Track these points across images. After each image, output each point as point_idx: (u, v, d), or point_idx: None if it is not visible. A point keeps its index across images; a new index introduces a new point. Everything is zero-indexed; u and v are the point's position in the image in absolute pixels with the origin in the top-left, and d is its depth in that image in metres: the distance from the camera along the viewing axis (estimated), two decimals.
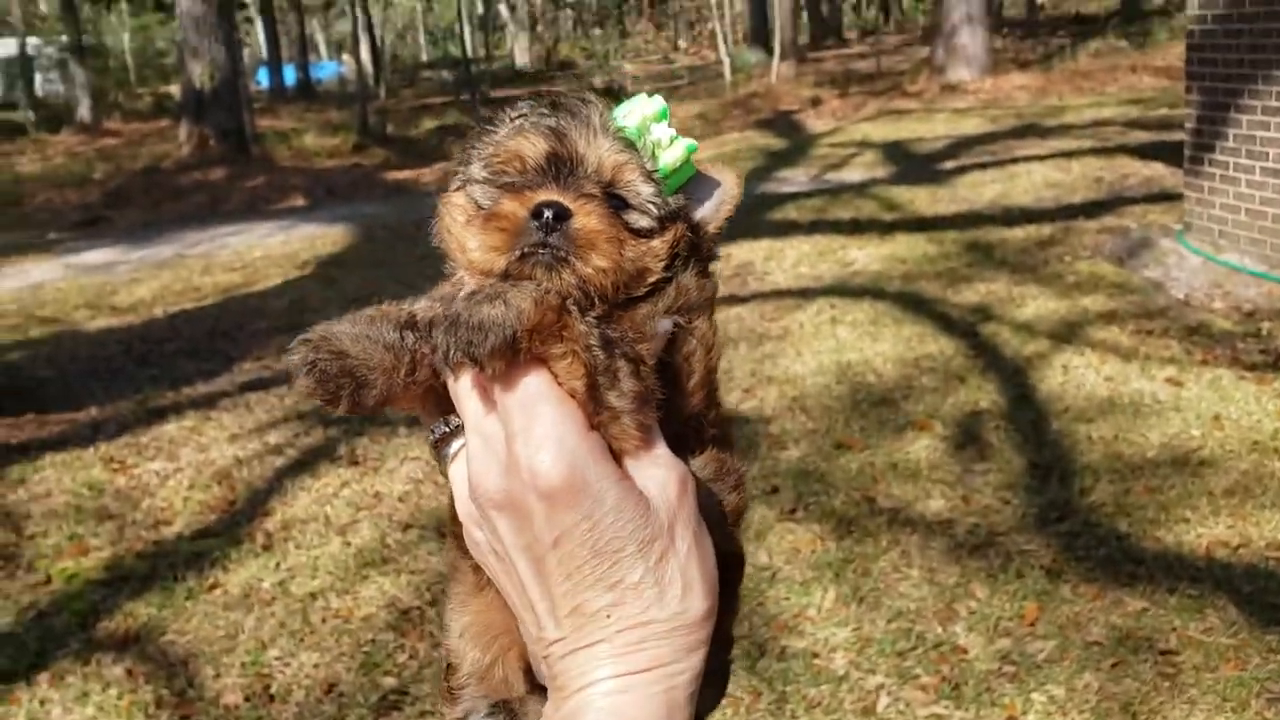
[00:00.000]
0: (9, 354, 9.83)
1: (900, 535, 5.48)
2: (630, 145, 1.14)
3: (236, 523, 6.25)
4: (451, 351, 1.01)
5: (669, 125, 1.17)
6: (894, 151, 16.73)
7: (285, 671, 4.80)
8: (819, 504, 5.85)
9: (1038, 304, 8.63)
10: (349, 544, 5.81)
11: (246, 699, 4.64)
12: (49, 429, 7.79)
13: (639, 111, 1.16)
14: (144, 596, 5.49)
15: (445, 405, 1.15)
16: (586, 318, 1.04)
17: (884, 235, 11.19)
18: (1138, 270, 9.35)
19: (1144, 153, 13.58)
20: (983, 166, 14.20)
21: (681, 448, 1.11)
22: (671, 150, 1.16)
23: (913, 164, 15.45)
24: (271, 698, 4.64)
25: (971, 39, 23.62)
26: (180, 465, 7.03)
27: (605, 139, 1.14)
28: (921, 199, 12.72)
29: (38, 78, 43.24)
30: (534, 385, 1.03)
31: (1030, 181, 12.95)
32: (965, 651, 4.55)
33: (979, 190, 12.83)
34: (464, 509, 1.13)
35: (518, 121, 1.18)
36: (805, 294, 9.50)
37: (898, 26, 48.60)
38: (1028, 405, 6.90)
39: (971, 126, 18.17)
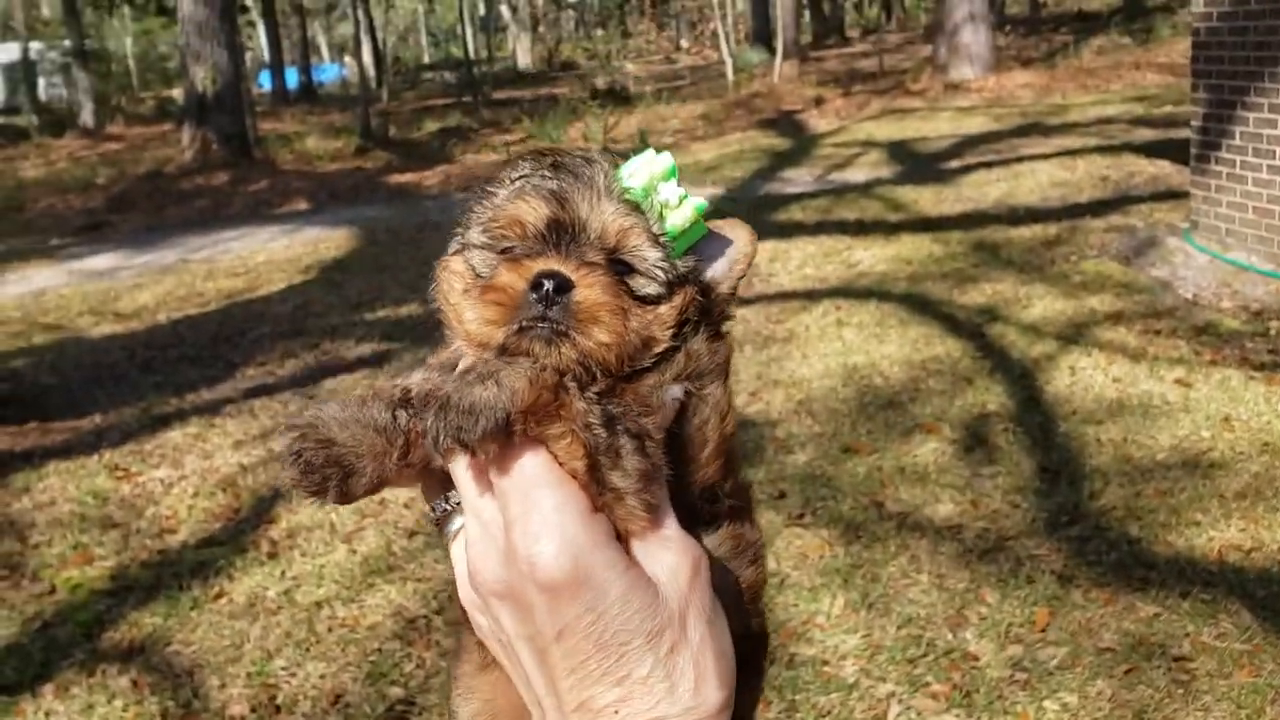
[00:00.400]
0: (13, 361, 9.81)
1: (909, 540, 5.44)
2: (636, 208, 1.09)
3: (241, 531, 6.22)
4: (441, 437, 0.97)
5: (677, 184, 1.11)
6: (898, 151, 16.69)
7: (291, 682, 4.77)
8: (827, 509, 5.81)
9: (1044, 304, 8.59)
10: (355, 552, 5.78)
11: (252, 710, 4.61)
12: (53, 437, 7.76)
13: (645, 170, 1.11)
14: (149, 606, 5.46)
15: (446, 481, 1.11)
16: (586, 394, 1.00)
17: (889, 236, 11.15)
18: (1144, 269, 9.31)
19: (1150, 151, 13.53)
20: (988, 165, 14.15)
21: (695, 522, 1.06)
22: (680, 211, 1.10)
23: (917, 163, 15.41)
24: (277, 708, 4.61)
25: (974, 37, 23.57)
26: (185, 473, 7.00)
27: (609, 202, 1.08)
28: (926, 199, 12.68)
29: (40, 82, 43.24)
30: (531, 469, 0.99)
31: (1036, 180, 12.91)
32: (976, 658, 4.51)
33: (984, 190, 12.79)
34: (465, 594, 1.09)
35: (518, 183, 1.13)
36: (811, 296, 9.46)
37: (900, 24, 48.53)
38: (1036, 407, 6.86)
39: (975, 125, 18.13)
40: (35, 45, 42.09)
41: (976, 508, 5.71)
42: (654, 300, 1.08)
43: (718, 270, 1.15)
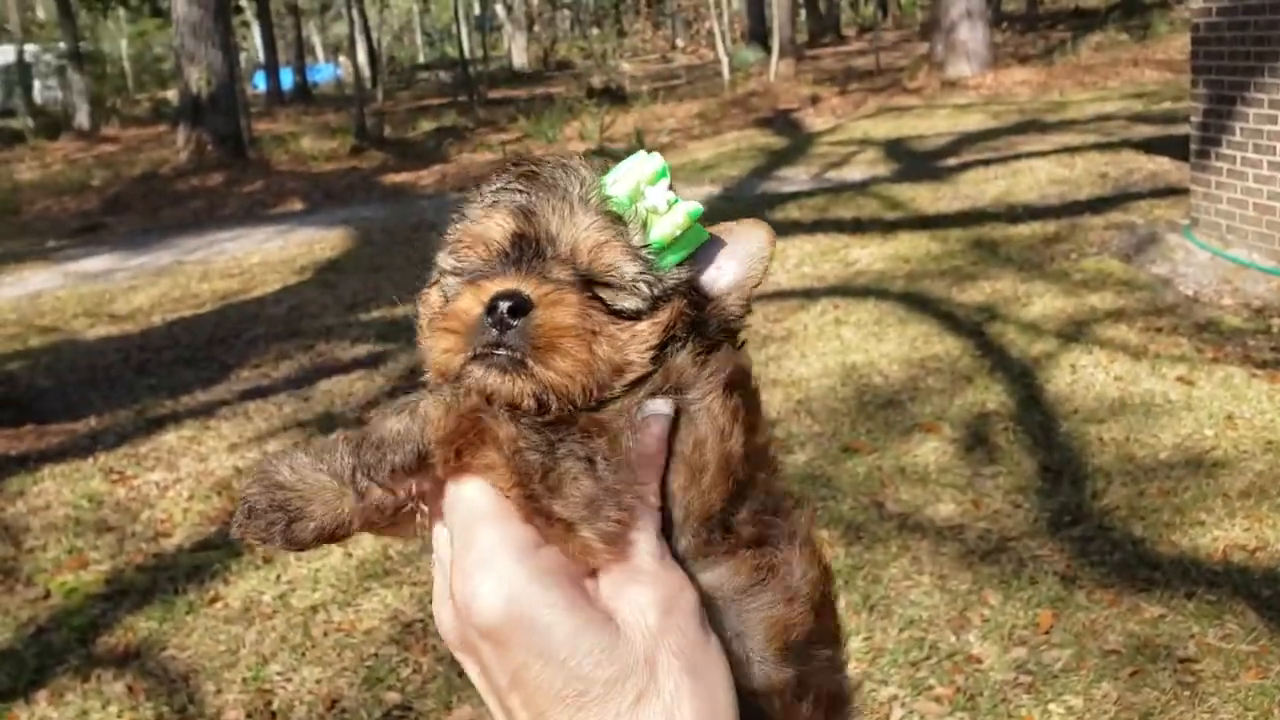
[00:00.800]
0: (8, 364, 9.75)
1: (910, 541, 5.39)
2: (615, 218, 1.00)
3: None
4: (356, 475, 0.92)
5: (669, 187, 1.02)
6: (895, 149, 16.65)
7: (287, 687, 4.72)
8: (827, 509, 5.76)
9: (1044, 302, 8.55)
10: (350, 555, 5.73)
11: (248, 715, 4.56)
12: (48, 440, 7.71)
13: (632, 175, 1.02)
14: (144, 610, 5.41)
15: (411, 528, 1.04)
16: (522, 417, 0.92)
17: (887, 234, 11.11)
18: (1145, 267, 9.27)
19: (1149, 147, 13.50)
20: (986, 163, 14.11)
21: (713, 552, 0.97)
22: (669, 217, 1.01)
23: (914, 161, 15.36)
24: (273, 714, 4.57)
25: (971, 34, 23.53)
26: (180, 476, 6.95)
27: (583, 213, 1.00)
28: (924, 197, 12.64)
29: (36, 84, 43.16)
30: (470, 502, 0.91)
31: (1034, 178, 12.87)
32: (979, 661, 4.47)
33: (982, 187, 12.75)
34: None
35: (488, 199, 1.05)
36: (809, 294, 9.42)
37: (896, 22, 48.50)
38: (1037, 406, 6.81)
39: (973, 122, 18.09)
40: (30, 48, 41.99)
41: (978, 508, 5.66)
42: (634, 316, 0.99)
43: (725, 278, 1.05)
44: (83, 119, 33.46)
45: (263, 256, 13.73)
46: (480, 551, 0.89)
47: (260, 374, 8.83)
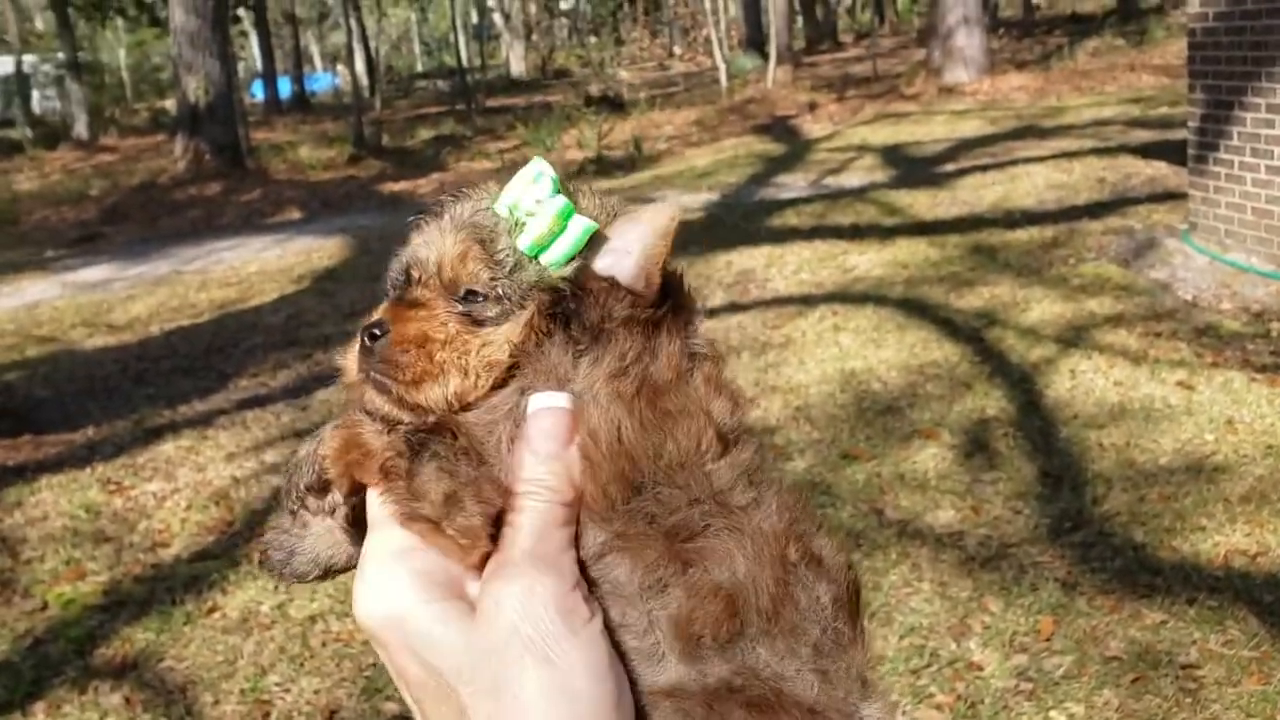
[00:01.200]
0: (6, 374, 9.73)
1: (910, 548, 5.38)
2: (479, 230, 1.05)
3: (234, 544, 6.15)
4: (282, 495, 1.04)
5: (553, 192, 1.04)
6: (893, 155, 16.65)
7: (285, 698, 4.70)
8: (826, 517, 5.74)
9: (1043, 307, 8.54)
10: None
11: None
12: (45, 450, 7.69)
13: (516, 186, 1.06)
14: (141, 621, 5.39)
15: None
16: (392, 427, 0.98)
17: (885, 240, 11.10)
18: (1143, 271, 9.26)
19: (1146, 152, 13.49)
20: (983, 169, 14.10)
21: (628, 545, 0.96)
22: (538, 219, 1.03)
23: (912, 167, 15.36)
24: None
25: (968, 40, 23.55)
26: (178, 486, 6.93)
27: (450, 234, 1.06)
28: (922, 203, 12.63)
29: (35, 95, 43.19)
30: (372, 514, 0.98)
31: (1032, 183, 12.86)
32: (981, 668, 4.45)
33: (980, 193, 12.74)
34: None
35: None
36: (807, 301, 9.40)
37: (892, 29, 48.52)
38: (1036, 412, 6.80)
39: (971, 128, 18.08)
40: (29, 58, 42.00)
41: (978, 514, 5.65)
42: (497, 321, 1.02)
43: (617, 264, 1.04)
44: (81, 129, 33.50)
45: (260, 265, 13.72)
46: (362, 559, 0.96)
47: (258, 383, 8.81)
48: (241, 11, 41.97)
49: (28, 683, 4.97)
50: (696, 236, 11.52)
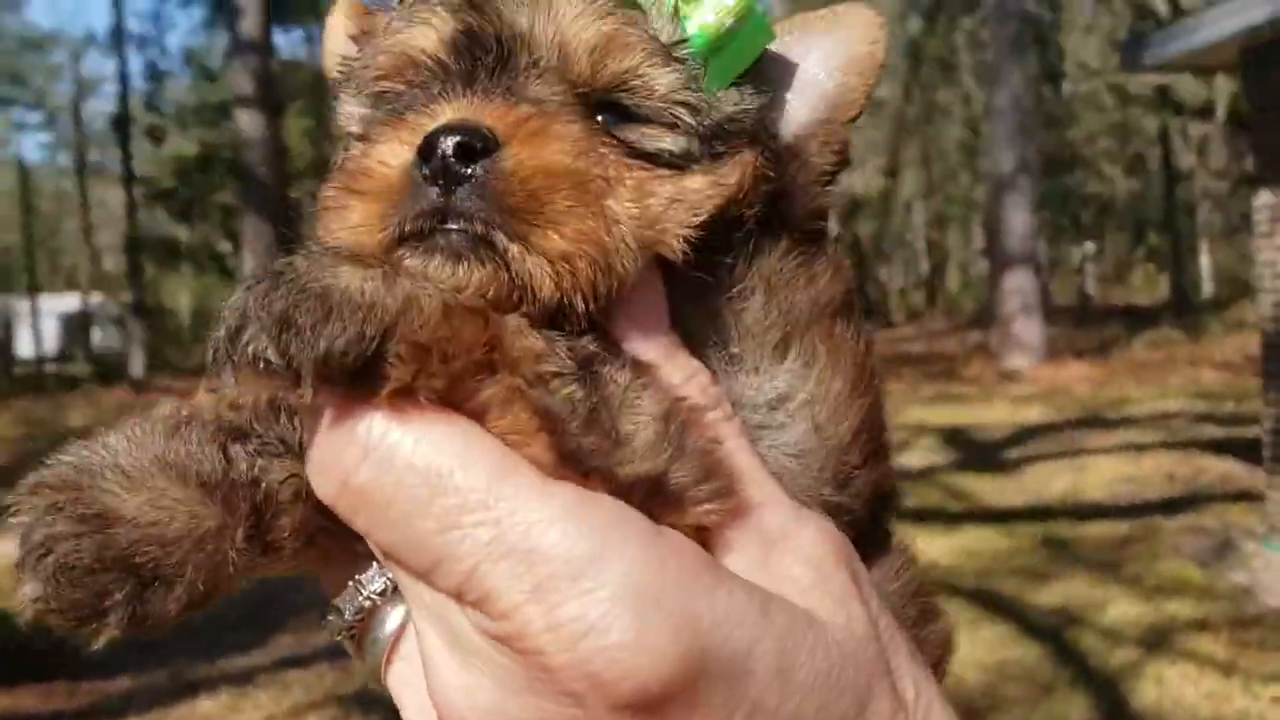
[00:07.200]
0: None
1: None
2: (627, 4, 0.63)
3: None
4: (260, 353, 0.54)
5: None
6: (954, 437, 16.50)
7: None
8: None
9: (1122, 607, 8.17)
10: None
11: None
12: (78, 699, 7.41)
13: None
14: None
15: (355, 556, 0.64)
16: (540, 328, 0.57)
17: (951, 525, 10.82)
18: (1223, 574, 8.91)
19: (1216, 448, 13.26)
20: (1049, 457, 13.91)
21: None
22: (708, 4, 0.61)
23: (975, 451, 15.19)
24: None
25: (1027, 326, 23.78)
26: None
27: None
28: (988, 489, 12.40)
29: (95, 332, 44.53)
30: (477, 470, 0.56)
31: (1100, 475, 12.62)
32: None
33: (1048, 482, 12.51)
34: None
35: (413, 5, 0.66)
36: None
37: (944, 311, 49.38)
38: None
39: (1033, 415, 17.97)
40: (94, 299, 43.51)
41: None
42: (676, 164, 0.61)
43: (807, 108, 0.64)
44: (137, 368, 34.26)
45: None
46: (572, 563, 0.55)
47: (299, 640, 8.53)
48: None
49: None
50: None
